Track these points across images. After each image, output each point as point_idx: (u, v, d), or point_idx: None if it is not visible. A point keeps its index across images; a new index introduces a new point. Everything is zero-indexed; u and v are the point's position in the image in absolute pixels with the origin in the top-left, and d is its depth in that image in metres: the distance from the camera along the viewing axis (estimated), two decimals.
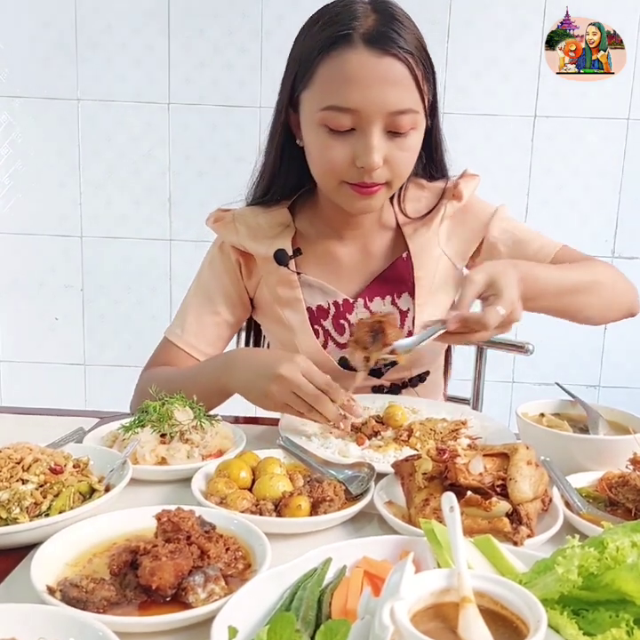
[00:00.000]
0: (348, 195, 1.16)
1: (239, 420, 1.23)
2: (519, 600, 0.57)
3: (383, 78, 1.08)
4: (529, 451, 0.83)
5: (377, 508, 0.83)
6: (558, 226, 2.52)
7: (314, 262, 1.31)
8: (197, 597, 0.62)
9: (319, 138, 1.13)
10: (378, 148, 1.09)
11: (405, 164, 1.16)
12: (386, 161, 1.12)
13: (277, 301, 1.31)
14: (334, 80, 1.09)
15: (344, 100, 1.08)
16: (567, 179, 2.49)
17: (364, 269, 1.31)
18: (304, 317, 1.29)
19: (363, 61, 1.07)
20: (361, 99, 1.07)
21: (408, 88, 1.10)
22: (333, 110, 1.09)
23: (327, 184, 1.18)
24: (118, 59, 2.46)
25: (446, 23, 2.38)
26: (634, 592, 0.56)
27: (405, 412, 1.12)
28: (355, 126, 1.10)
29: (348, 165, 1.12)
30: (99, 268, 2.60)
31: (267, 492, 0.83)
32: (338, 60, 1.09)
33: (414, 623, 0.55)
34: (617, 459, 0.91)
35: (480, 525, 0.77)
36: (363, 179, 1.12)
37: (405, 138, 1.12)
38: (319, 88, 1.11)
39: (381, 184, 1.14)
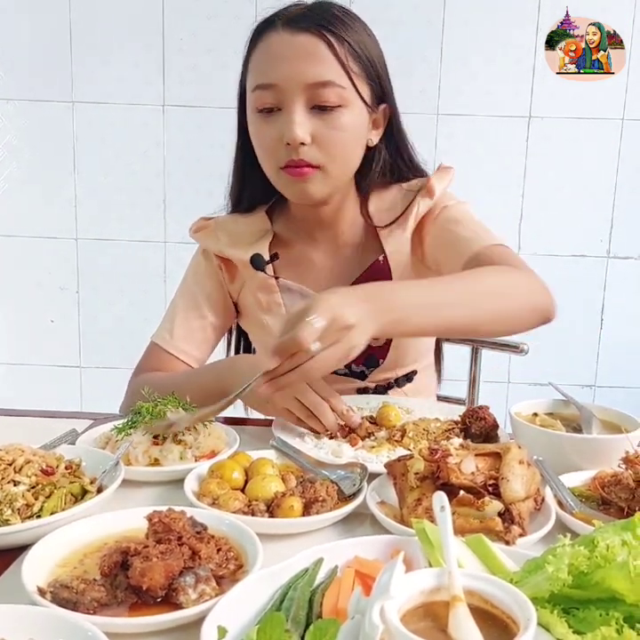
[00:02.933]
0: (284, 181, 1.17)
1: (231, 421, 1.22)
2: (509, 599, 0.57)
3: (298, 52, 1.11)
4: (521, 450, 0.83)
5: (369, 509, 0.83)
6: (554, 226, 2.53)
7: (292, 266, 1.31)
8: (188, 598, 0.62)
9: (254, 124, 1.16)
10: (300, 122, 1.10)
11: (337, 144, 1.14)
12: (315, 139, 1.12)
13: (258, 306, 1.32)
14: (258, 62, 1.14)
15: (265, 76, 1.12)
16: (562, 179, 2.49)
17: (341, 273, 1.30)
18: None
19: (281, 39, 1.11)
20: (278, 73, 1.11)
21: (326, 61, 1.11)
22: (258, 90, 1.13)
23: (269, 174, 1.19)
24: (113, 61, 2.46)
25: (441, 24, 2.39)
26: (624, 590, 0.56)
27: (399, 412, 1.12)
28: (279, 105, 1.12)
29: (278, 146, 1.13)
30: (94, 270, 2.60)
31: (259, 493, 0.83)
32: (262, 45, 1.14)
33: (404, 622, 0.55)
34: (610, 458, 0.91)
35: (472, 525, 0.77)
36: (290, 156, 1.12)
37: (333, 115, 1.12)
38: (250, 74, 1.16)
39: (313, 166, 1.13)
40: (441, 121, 2.44)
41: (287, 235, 1.33)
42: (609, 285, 2.56)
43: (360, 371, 1.31)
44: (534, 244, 2.52)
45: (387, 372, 1.31)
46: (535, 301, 1.08)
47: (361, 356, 1.27)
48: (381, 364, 1.30)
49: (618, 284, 2.55)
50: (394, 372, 1.32)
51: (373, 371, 1.30)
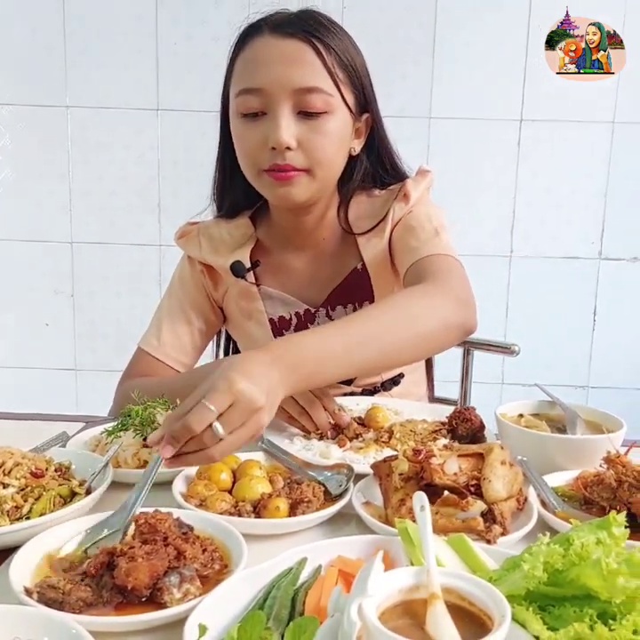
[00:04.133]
0: (267, 183, 1.16)
1: None
2: (486, 596, 0.58)
3: (286, 57, 1.11)
4: (503, 451, 0.84)
5: (355, 509, 0.85)
6: (545, 229, 2.55)
7: (273, 273, 1.32)
8: (172, 597, 0.63)
9: (237, 128, 1.16)
10: (286, 126, 1.10)
11: (322, 148, 1.15)
12: (300, 144, 1.12)
13: (241, 313, 1.33)
14: (244, 66, 1.14)
15: (250, 81, 1.12)
16: (553, 182, 2.51)
17: (321, 279, 1.31)
18: (266, 329, 1.30)
19: (266, 44, 1.12)
20: (265, 77, 1.11)
21: (313, 67, 1.13)
22: (243, 94, 1.13)
23: (250, 176, 1.19)
24: (107, 65, 2.48)
25: (432, 28, 2.40)
26: (597, 587, 0.57)
27: (387, 413, 1.13)
28: (264, 109, 1.12)
29: (262, 149, 1.13)
30: (89, 274, 2.62)
31: (246, 494, 0.85)
32: (248, 50, 1.14)
33: (383, 620, 0.56)
34: (593, 458, 0.92)
35: (454, 524, 0.78)
36: (276, 160, 1.12)
37: (319, 120, 1.13)
38: (234, 79, 1.16)
39: (299, 169, 1.13)
40: (433, 124, 2.46)
41: (269, 241, 1.33)
42: (601, 287, 2.58)
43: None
44: (526, 247, 2.54)
45: (373, 375, 1.31)
46: (448, 320, 1.03)
47: None
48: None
49: (610, 285, 2.56)
50: (380, 376, 1.32)
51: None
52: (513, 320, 2.58)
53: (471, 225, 2.37)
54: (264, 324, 1.30)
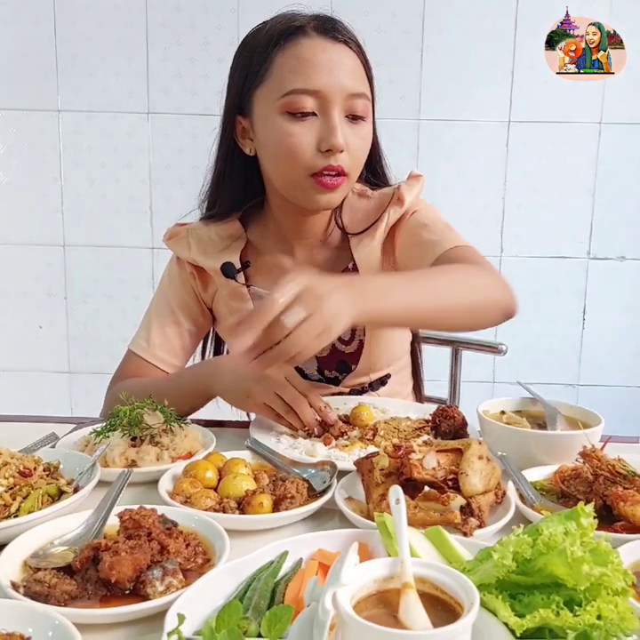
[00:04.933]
0: (311, 190, 1.15)
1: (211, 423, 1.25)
2: (457, 585, 0.59)
3: (340, 62, 1.13)
4: (481, 446, 0.86)
5: (337, 504, 0.87)
6: (535, 229, 2.57)
7: (264, 274, 1.32)
8: (155, 590, 0.65)
9: (281, 127, 1.13)
10: (341, 129, 1.12)
11: (362, 153, 1.18)
12: (347, 146, 1.13)
13: (231, 313, 1.33)
14: (293, 66, 1.12)
15: (306, 82, 1.11)
16: (542, 182, 2.53)
17: None
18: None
19: (319, 46, 1.13)
20: (323, 80, 1.11)
21: (361, 74, 1.16)
22: (296, 94, 1.12)
23: (291, 177, 1.16)
24: (98, 70, 2.50)
25: (420, 31, 2.43)
26: (564, 575, 0.59)
27: (373, 411, 1.15)
28: (316, 110, 1.12)
29: (313, 151, 1.12)
30: (82, 277, 2.64)
31: (230, 491, 0.86)
32: (294, 49, 1.13)
33: (358, 609, 0.58)
34: (571, 453, 0.94)
35: (432, 518, 0.80)
36: (329, 162, 1.12)
37: (361, 125, 1.16)
38: (277, 77, 1.13)
39: (345, 173, 1.15)
40: (422, 126, 2.48)
41: (261, 242, 1.33)
42: (590, 286, 2.60)
43: (334, 377, 1.33)
44: (516, 247, 2.56)
45: (360, 377, 1.33)
46: (497, 297, 1.10)
47: (333, 363, 1.31)
48: (354, 369, 1.32)
49: (598, 284, 2.59)
50: (367, 376, 1.34)
51: (346, 376, 1.33)
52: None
53: (461, 225, 2.37)
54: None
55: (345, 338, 1.32)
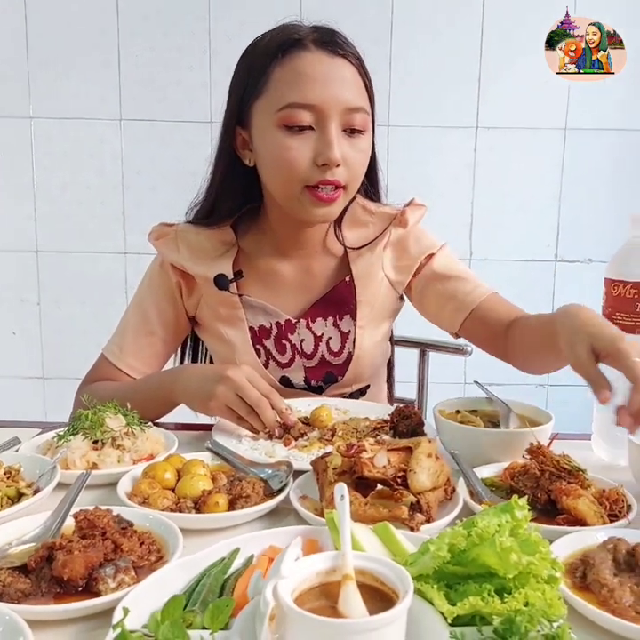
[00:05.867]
0: (308, 203, 1.17)
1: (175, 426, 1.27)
2: (394, 576, 0.62)
3: (338, 76, 1.14)
4: (431, 444, 0.89)
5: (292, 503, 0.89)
6: (503, 233, 2.62)
7: (257, 281, 1.33)
8: (107, 587, 0.67)
9: (278, 140, 1.14)
10: (337, 144, 1.13)
11: (360, 166, 1.19)
12: (344, 160, 1.14)
13: (219, 319, 1.33)
14: (291, 79, 1.13)
15: (303, 96, 1.12)
16: (509, 187, 2.59)
17: (306, 290, 1.33)
18: (246, 337, 1.31)
19: (318, 60, 1.14)
20: (320, 94, 1.12)
21: (360, 88, 1.17)
22: (293, 108, 1.13)
23: (288, 190, 1.17)
24: (70, 77, 2.51)
25: (388, 41, 2.47)
26: (495, 565, 0.62)
27: (333, 412, 1.18)
28: (313, 124, 1.13)
29: (309, 165, 1.14)
30: (55, 282, 2.64)
31: (187, 491, 0.89)
32: (293, 62, 1.14)
33: (301, 602, 0.61)
34: (520, 450, 0.98)
35: (381, 514, 0.82)
36: (325, 176, 1.13)
37: (359, 139, 1.17)
38: (275, 91, 1.15)
39: (341, 187, 1.16)
40: (392, 132, 2.52)
41: (255, 250, 1.33)
42: (558, 288, 2.65)
43: (318, 386, 1.35)
44: (485, 250, 2.61)
45: (343, 387, 1.35)
46: None
47: (320, 373, 1.34)
48: (340, 380, 1.35)
49: (566, 286, 2.64)
50: (350, 387, 1.36)
51: (331, 386, 1.35)
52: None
53: (431, 229, 2.43)
54: (244, 331, 1.31)
55: (334, 349, 1.34)
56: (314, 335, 1.33)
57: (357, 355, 1.33)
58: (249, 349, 1.31)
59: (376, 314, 1.34)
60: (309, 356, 1.34)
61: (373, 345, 1.36)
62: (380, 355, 1.42)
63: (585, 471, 0.92)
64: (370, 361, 1.37)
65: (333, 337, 1.34)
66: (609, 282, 1.11)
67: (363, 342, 1.33)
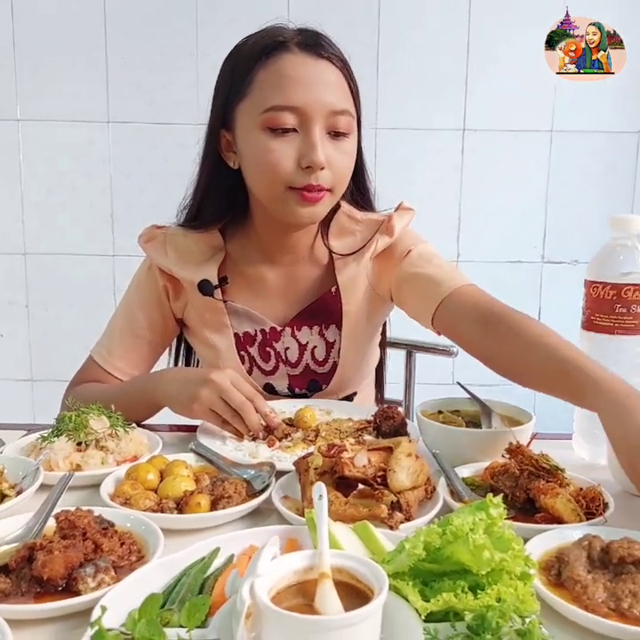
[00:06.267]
0: (292, 201, 1.16)
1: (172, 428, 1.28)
2: (370, 573, 0.63)
3: (322, 79, 1.14)
4: (411, 444, 0.90)
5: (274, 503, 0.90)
6: (490, 234, 2.64)
7: (243, 287, 1.32)
8: (87, 586, 0.68)
9: (262, 143, 1.14)
10: (321, 146, 1.12)
11: (345, 169, 1.19)
12: (328, 163, 1.14)
13: (204, 324, 1.33)
14: (275, 82, 1.13)
15: (287, 98, 1.12)
16: (496, 189, 2.60)
17: (292, 298, 1.33)
18: (230, 343, 1.32)
19: (301, 62, 1.14)
20: (303, 97, 1.12)
21: (344, 91, 1.16)
22: (276, 110, 1.12)
23: (272, 192, 1.17)
24: (57, 79, 2.51)
25: (375, 43, 2.48)
26: (468, 562, 0.63)
27: (317, 413, 1.19)
28: (297, 126, 1.13)
29: (293, 168, 1.13)
30: (43, 285, 2.64)
31: (169, 492, 0.89)
32: (276, 64, 1.14)
33: (278, 600, 0.62)
34: (500, 449, 0.99)
35: (361, 513, 0.83)
36: (309, 180, 1.13)
37: (343, 142, 1.16)
38: (259, 93, 1.14)
39: (326, 189, 1.15)
40: (379, 135, 2.53)
41: (241, 255, 1.33)
42: (544, 289, 2.67)
43: (302, 393, 1.35)
44: (472, 252, 2.63)
45: (328, 395, 1.35)
46: None
47: (304, 382, 1.34)
48: (324, 388, 1.35)
49: (552, 287, 2.66)
50: (335, 395, 1.36)
51: (315, 394, 1.35)
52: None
53: (418, 232, 2.45)
54: (229, 337, 1.31)
55: (319, 358, 1.34)
56: (299, 344, 1.33)
57: (342, 364, 1.33)
58: (233, 355, 1.32)
59: (362, 324, 1.34)
60: (294, 365, 1.34)
61: (359, 355, 1.36)
62: (366, 364, 1.42)
63: (563, 470, 0.94)
64: (355, 371, 1.37)
65: (318, 346, 1.34)
66: (589, 283, 1.13)
67: (348, 352, 1.33)
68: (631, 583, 0.70)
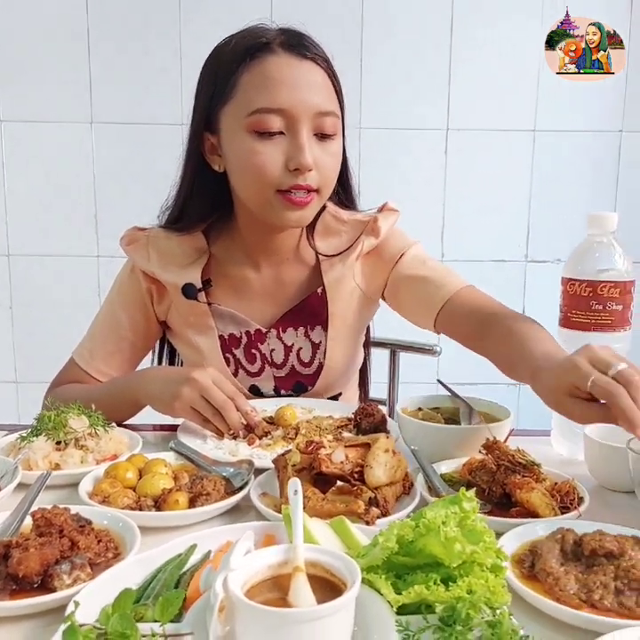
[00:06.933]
0: (280, 207, 1.16)
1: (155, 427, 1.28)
2: (344, 567, 0.64)
3: (307, 79, 1.13)
4: (388, 440, 0.91)
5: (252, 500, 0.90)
6: (474, 233, 2.65)
7: (227, 289, 1.32)
8: (62, 583, 0.68)
9: (248, 145, 1.13)
10: (309, 148, 1.12)
11: (332, 170, 1.19)
12: (315, 165, 1.14)
13: (189, 327, 1.33)
14: (260, 84, 1.12)
15: (272, 101, 1.12)
16: (480, 188, 2.61)
17: (277, 300, 1.33)
18: (215, 345, 1.31)
19: (285, 64, 1.13)
20: (289, 99, 1.11)
21: (329, 92, 1.17)
22: (262, 113, 1.12)
23: (259, 195, 1.16)
24: (40, 80, 2.49)
25: (359, 42, 2.49)
26: (440, 554, 0.64)
27: (298, 411, 1.19)
28: (283, 129, 1.13)
29: (281, 170, 1.13)
30: (27, 286, 2.63)
31: (148, 490, 0.90)
32: (261, 66, 1.13)
33: (252, 594, 0.62)
34: (476, 445, 1.00)
35: (338, 509, 0.84)
36: (297, 181, 1.13)
37: (330, 143, 1.16)
38: (244, 95, 1.14)
39: (314, 191, 1.16)
40: (363, 134, 2.54)
41: (226, 257, 1.32)
42: (528, 288, 2.69)
43: (288, 394, 1.35)
44: (456, 251, 2.64)
45: (314, 396, 1.35)
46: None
47: (289, 383, 1.34)
48: (310, 390, 1.35)
49: (536, 286, 2.68)
50: (320, 396, 1.36)
51: (301, 395, 1.35)
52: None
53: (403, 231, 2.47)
54: (214, 339, 1.31)
55: (305, 360, 1.35)
56: (284, 345, 1.34)
57: (328, 366, 1.33)
58: (218, 357, 1.32)
59: (348, 325, 1.35)
60: (279, 366, 1.35)
61: (344, 356, 1.37)
62: (351, 364, 1.42)
63: (539, 465, 0.95)
64: (341, 371, 1.37)
65: (304, 347, 1.34)
66: (565, 280, 1.14)
67: (333, 354, 1.33)
68: (602, 575, 0.71)
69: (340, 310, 1.32)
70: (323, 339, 1.33)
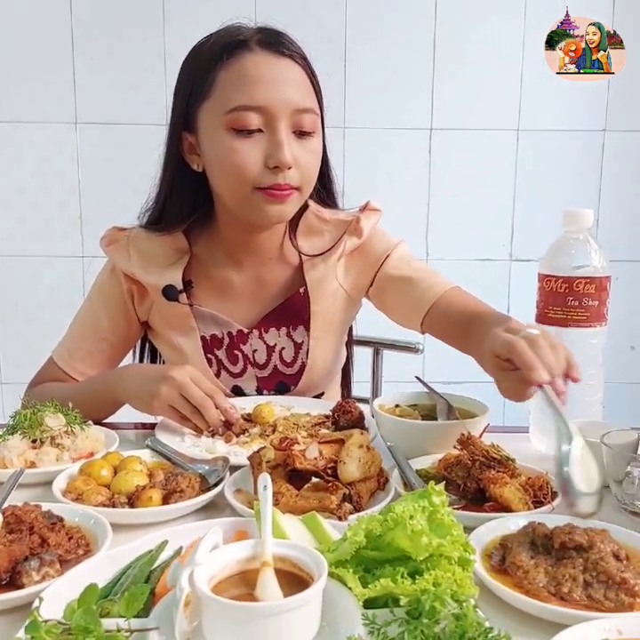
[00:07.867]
0: (259, 201, 1.15)
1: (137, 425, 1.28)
2: (311, 561, 0.64)
3: (285, 77, 1.13)
4: (363, 436, 0.91)
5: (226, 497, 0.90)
6: (459, 232, 2.66)
7: (209, 290, 1.32)
8: (31, 580, 0.68)
9: (227, 144, 1.13)
10: (288, 146, 1.12)
11: (313, 167, 1.18)
12: (295, 162, 1.13)
13: (170, 327, 1.32)
14: (238, 82, 1.12)
15: (250, 98, 1.11)
16: (464, 188, 2.62)
17: (259, 300, 1.33)
18: (197, 346, 1.31)
19: (263, 61, 1.13)
20: (267, 96, 1.11)
21: (307, 89, 1.16)
22: (240, 110, 1.11)
23: (238, 194, 1.16)
24: (25, 80, 2.48)
25: (343, 42, 2.50)
26: (407, 548, 0.64)
27: (277, 409, 1.19)
28: (262, 126, 1.12)
29: (260, 168, 1.12)
30: (12, 287, 2.61)
31: (122, 487, 0.89)
32: (238, 64, 1.13)
33: (220, 589, 0.62)
34: (451, 441, 1.00)
35: (311, 505, 0.84)
36: (277, 180, 1.13)
37: (309, 140, 1.16)
38: (222, 93, 1.13)
39: (294, 187, 1.15)
40: (347, 134, 2.54)
41: (207, 257, 1.32)
42: (513, 287, 2.70)
43: (270, 395, 1.35)
44: (441, 250, 2.64)
45: (296, 395, 1.34)
46: None
47: (272, 383, 1.34)
48: (292, 389, 1.35)
49: (521, 285, 2.69)
50: (303, 395, 1.35)
51: (284, 395, 1.35)
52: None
53: (387, 231, 2.47)
54: (195, 341, 1.31)
55: (287, 360, 1.34)
56: (266, 345, 1.33)
57: (310, 365, 1.33)
58: (200, 358, 1.31)
59: (330, 325, 1.34)
60: (262, 367, 1.34)
61: (327, 355, 1.37)
62: (334, 364, 1.42)
63: (514, 460, 0.95)
64: (323, 371, 1.37)
65: (286, 347, 1.34)
66: (542, 277, 1.15)
67: (316, 353, 1.33)
68: (571, 568, 0.71)
69: (323, 310, 1.32)
70: (305, 338, 1.33)
